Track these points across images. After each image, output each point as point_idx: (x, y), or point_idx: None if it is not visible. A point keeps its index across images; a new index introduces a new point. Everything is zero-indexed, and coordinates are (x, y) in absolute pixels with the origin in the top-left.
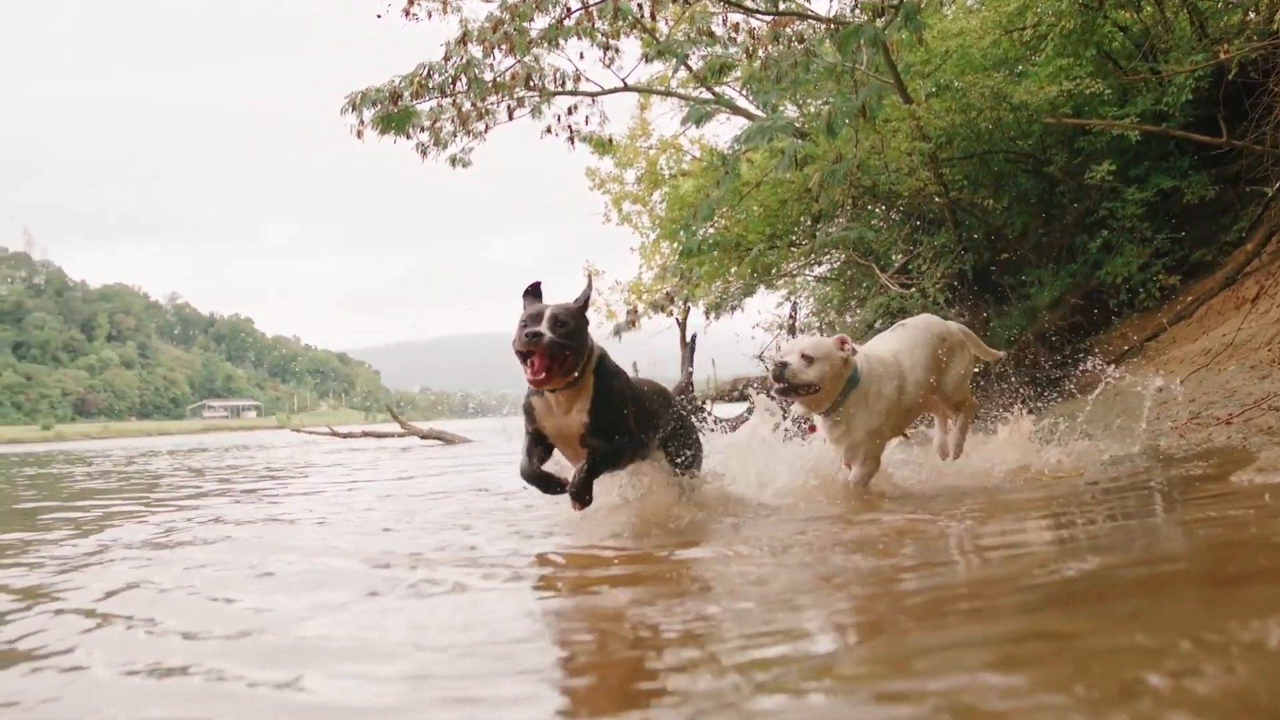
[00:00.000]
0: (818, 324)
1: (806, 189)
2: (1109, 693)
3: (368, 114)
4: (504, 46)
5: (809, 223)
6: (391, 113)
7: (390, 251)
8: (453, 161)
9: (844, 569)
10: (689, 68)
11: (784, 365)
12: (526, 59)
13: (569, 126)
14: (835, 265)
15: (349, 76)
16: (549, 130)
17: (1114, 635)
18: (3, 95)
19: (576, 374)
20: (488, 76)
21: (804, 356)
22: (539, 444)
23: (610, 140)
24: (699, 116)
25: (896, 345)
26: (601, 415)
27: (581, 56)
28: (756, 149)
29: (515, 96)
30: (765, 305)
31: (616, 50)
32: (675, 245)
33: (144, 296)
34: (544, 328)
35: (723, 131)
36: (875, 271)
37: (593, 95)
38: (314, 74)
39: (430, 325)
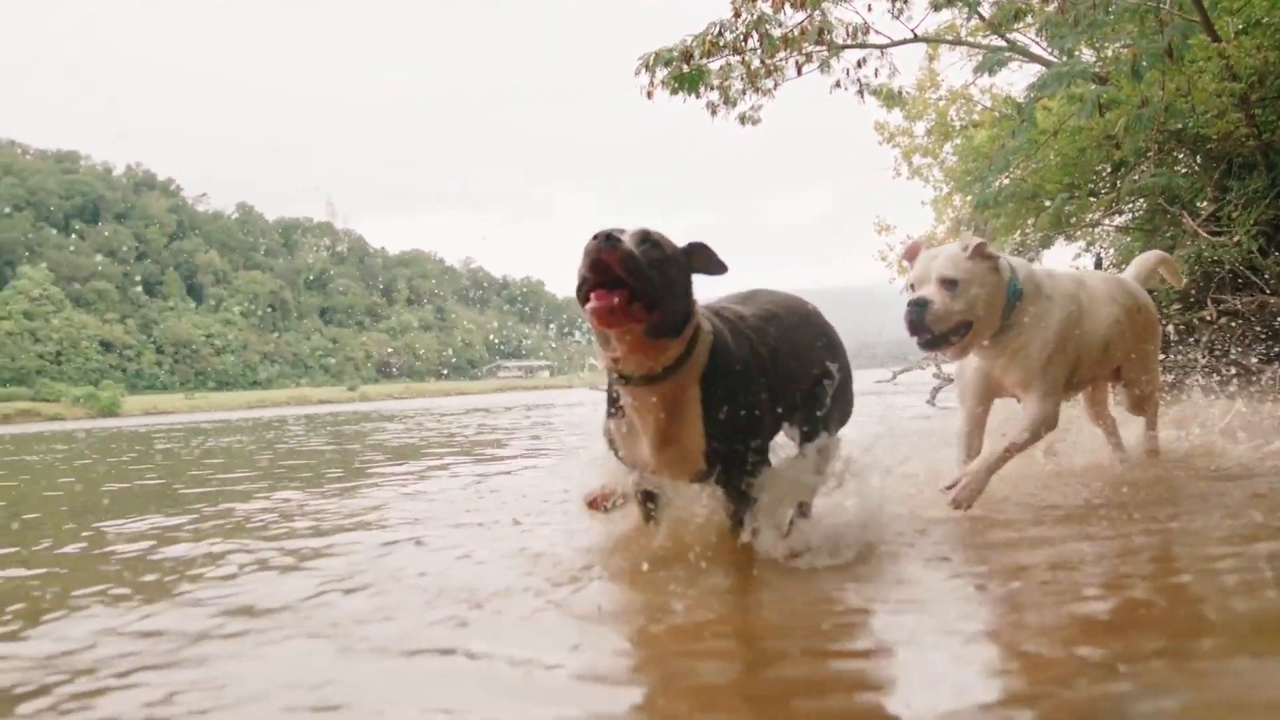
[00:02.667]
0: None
1: (1107, 136)
2: None
3: (660, 74)
4: (793, 1)
5: (1108, 171)
6: (683, 72)
7: (675, 212)
8: (742, 119)
9: (1180, 535)
10: (980, 15)
11: (924, 304)
12: (815, 13)
13: (858, 80)
14: (1137, 214)
15: (631, 43)
16: (837, 84)
17: None
18: (303, 78)
19: (668, 338)
20: (777, 33)
21: (944, 283)
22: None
23: (900, 93)
24: (992, 65)
25: (1080, 275)
26: (726, 436)
27: (869, 8)
28: (1053, 96)
29: (804, 52)
30: (1063, 257)
31: (905, 0)
32: (969, 198)
33: (440, 261)
34: (625, 238)
35: (1015, 80)
36: (1184, 219)
37: (881, 47)
38: (597, 45)
39: (717, 284)
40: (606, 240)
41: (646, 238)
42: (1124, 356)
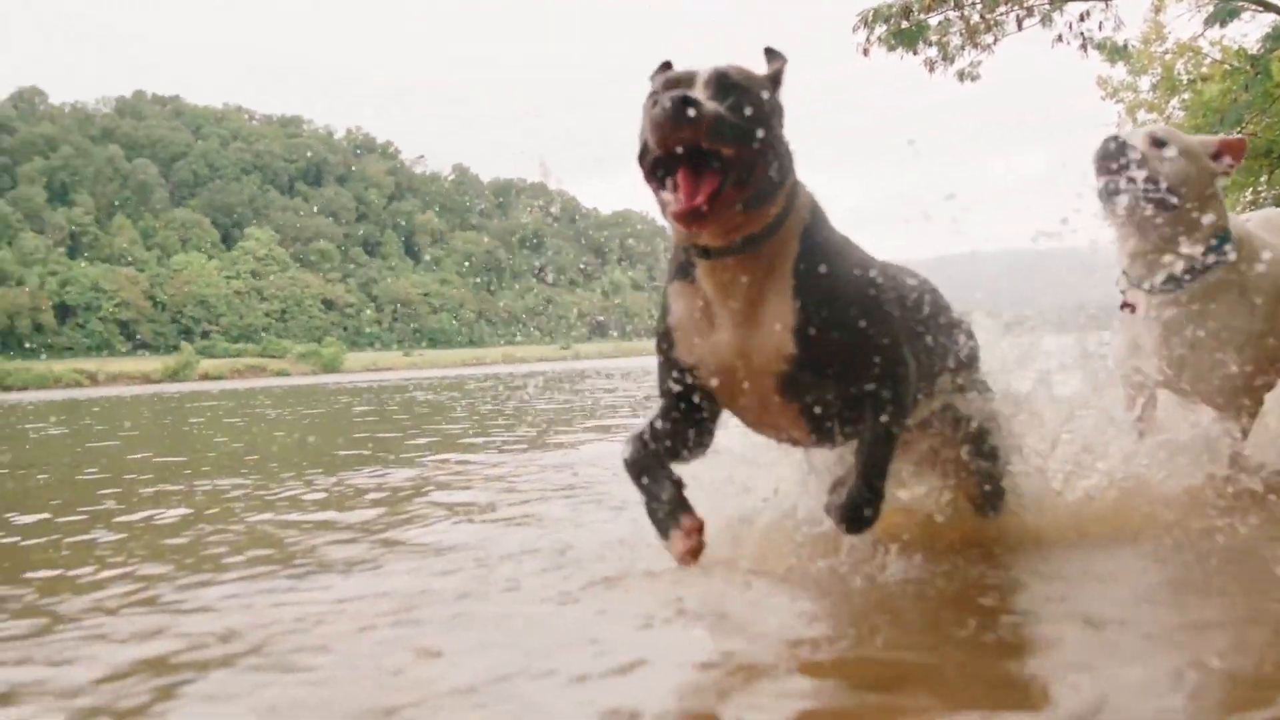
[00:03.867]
0: None
1: None
2: None
3: (878, 30)
4: None
5: None
6: (902, 28)
7: (879, 172)
8: (960, 76)
9: None
10: None
11: (1119, 144)
12: None
13: (1081, 34)
14: None
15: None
16: (1059, 39)
17: None
18: (520, 45)
19: (769, 203)
20: None
21: (1155, 141)
22: (681, 400)
23: (1124, 46)
24: (1223, 15)
25: (1263, 234)
26: (831, 325)
27: None
28: None
29: (1025, 5)
30: None
31: None
32: None
33: (650, 221)
34: (700, 94)
35: (1248, 30)
36: None
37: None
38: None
39: (923, 246)
40: (683, 105)
41: (725, 81)
42: None
